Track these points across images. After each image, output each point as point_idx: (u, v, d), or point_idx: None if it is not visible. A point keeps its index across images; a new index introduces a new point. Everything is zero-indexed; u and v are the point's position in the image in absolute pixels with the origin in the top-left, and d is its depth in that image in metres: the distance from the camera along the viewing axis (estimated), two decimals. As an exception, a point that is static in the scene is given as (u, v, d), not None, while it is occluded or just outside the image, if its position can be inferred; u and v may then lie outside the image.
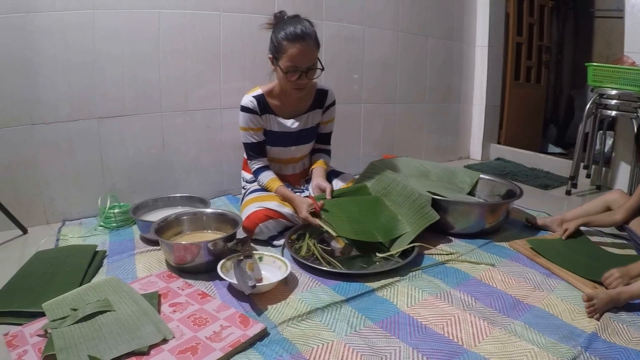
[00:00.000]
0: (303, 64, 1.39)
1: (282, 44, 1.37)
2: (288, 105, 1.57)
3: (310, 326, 1.02)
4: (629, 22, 2.21)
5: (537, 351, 0.93)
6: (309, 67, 1.41)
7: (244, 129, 1.54)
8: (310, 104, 1.60)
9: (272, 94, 1.55)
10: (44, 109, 1.58)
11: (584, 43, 3.85)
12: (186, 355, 0.87)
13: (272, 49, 1.44)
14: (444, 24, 2.78)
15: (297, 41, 1.36)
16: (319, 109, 1.63)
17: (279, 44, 1.39)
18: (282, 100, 1.55)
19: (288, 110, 1.57)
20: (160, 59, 1.78)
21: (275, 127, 1.57)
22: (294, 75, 1.40)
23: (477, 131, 3.11)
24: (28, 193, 1.62)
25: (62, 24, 1.56)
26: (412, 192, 1.49)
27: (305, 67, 1.40)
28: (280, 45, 1.38)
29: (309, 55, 1.39)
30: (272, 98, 1.55)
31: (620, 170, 2.33)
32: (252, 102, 1.50)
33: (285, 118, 1.57)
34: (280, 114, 1.57)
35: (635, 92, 2.00)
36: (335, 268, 1.27)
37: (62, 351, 0.85)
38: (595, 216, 1.51)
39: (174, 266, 1.28)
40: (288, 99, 1.54)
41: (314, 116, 1.63)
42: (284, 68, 1.39)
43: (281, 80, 1.46)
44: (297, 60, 1.38)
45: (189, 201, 1.74)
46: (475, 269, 1.34)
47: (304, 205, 1.41)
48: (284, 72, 1.40)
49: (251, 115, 1.51)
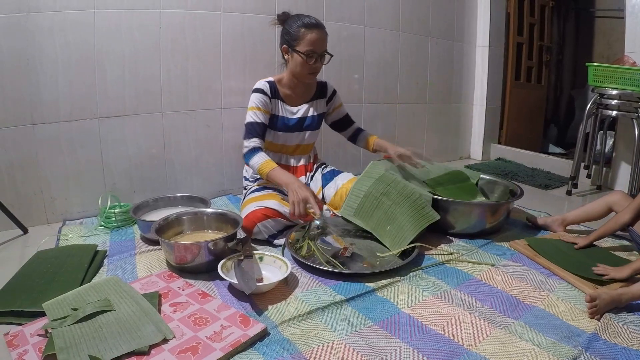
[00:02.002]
0: (320, 49, 1.56)
1: (300, 31, 1.53)
2: (295, 94, 1.70)
3: (311, 326, 1.02)
4: (629, 22, 2.21)
5: (538, 351, 0.93)
6: (323, 52, 1.58)
7: (252, 108, 1.61)
8: (314, 94, 1.75)
9: (282, 83, 1.67)
10: (45, 109, 1.59)
11: (584, 43, 3.85)
12: (187, 355, 0.87)
13: (288, 39, 1.57)
14: (444, 24, 2.78)
15: (315, 28, 1.54)
16: (322, 99, 1.78)
17: (295, 33, 1.54)
18: (290, 89, 1.69)
19: (295, 99, 1.70)
20: (161, 58, 1.78)
21: (282, 113, 1.68)
22: (312, 59, 1.56)
23: (477, 131, 3.11)
24: (29, 193, 1.62)
25: (63, 23, 1.56)
26: (412, 192, 1.49)
27: (321, 52, 1.57)
28: (298, 33, 1.54)
29: (324, 41, 1.57)
30: (282, 87, 1.67)
31: (621, 170, 2.33)
32: (266, 86, 1.63)
33: (292, 106, 1.70)
34: (287, 101, 1.69)
35: (635, 92, 2.00)
36: (335, 268, 1.27)
37: (62, 351, 0.85)
38: (603, 228, 1.45)
39: (175, 266, 1.28)
40: (295, 88, 1.69)
41: (317, 105, 1.76)
42: (304, 52, 1.54)
43: (297, 66, 1.58)
44: (316, 45, 1.54)
45: (189, 201, 1.75)
46: (475, 269, 1.34)
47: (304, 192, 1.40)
48: (305, 56, 1.54)
49: (263, 96, 1.61)
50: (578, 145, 2.23)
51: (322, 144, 2.28)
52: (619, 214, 1.45)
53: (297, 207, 1.38)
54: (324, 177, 1.75)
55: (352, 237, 1.53)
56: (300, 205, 1.38)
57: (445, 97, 2.92)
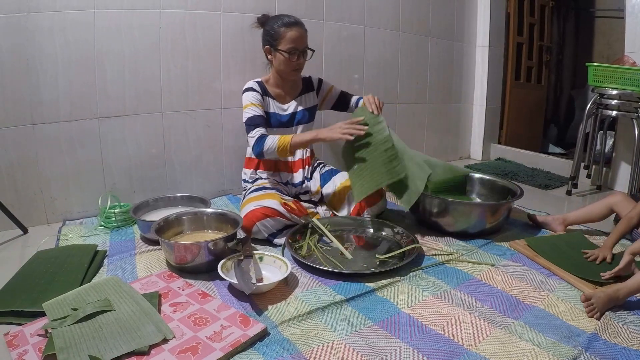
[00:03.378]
0: (301, 45, 1.59)
1: (280, 30, 1.56)
2: (283, 92, 1.73)
3: (311, 326, 1.02)
4: (629, 22, 2.21)
5: (538, 351, 0.93)
6: (304, 48, 1.61)
7: (249, 105, 1.62)
8: (301, 89, 1.78)
9: (269, 83, 1.71)
10: (45, 109, 1.59)
11: (584, 43, 3.85)
12: (186, 355, 0.87)
13: (269, 39, 1.60)
14: (444, 24, 2.78)
15: (294, 26, 1.57)
16: (311, 92, 1.80)
17: (275, 32, 1.57)
18: (278, 88, 1.72)
19: (283, 97, 1.74)
20: (161, 58, 1.78)
21: (274, 110, 1.70)
22: (294, 56, 1.58)
23: (477, 131, 3.11)
24: (29, 193, 1.62)
25: (63, 23, 1.56)
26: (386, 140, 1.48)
27: (302, 48, 1.60)
28: (278, 33, 1.57)
29: (304, 38, 1.60)
30: (270, 86, 1.71)
31: (621, 171, 2.33)
32: (256, 85, 1.67)
33: (282, 103, 1.73)
34: (277, 99, 1.72)
35: (635, 92, 2.00)
36: (335, 268, 1.27)
37: (62, 351, 0.85)
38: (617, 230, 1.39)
39: (175, 266, 1.28)
40: (283, 87, 1.72)
41: (306, 99, 1.78)
42: (286, 50, 1.57)
43: (281, 65, 1.61)
44: (297, 42, 1.57)
45: (189, 201, 1.75)
46: (475, 269, 1.34)
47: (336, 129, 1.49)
48: (287, 54, 1.57)
49: (255, 93, 1.65)
50: (578, 145, 2.22)
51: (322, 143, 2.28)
52: (627, 216, 1.40)
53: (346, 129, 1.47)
54: (322, 176, 1.75)
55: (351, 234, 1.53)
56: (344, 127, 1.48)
57: (445, 97, 2.92)
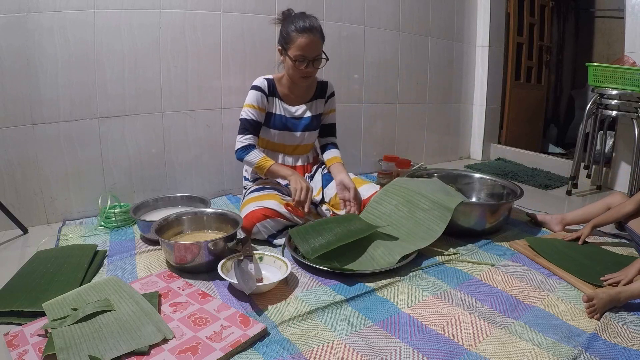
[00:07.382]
0: (310, 54, 1.52)
1: (292, 35, 1.51)
2: (294, 95, 1.69)
3: (311, 326, 1.02)
4: (629, 22, 2.21)
5: (538, 351, 0.93)
6: (315, 57, 1.54)
7: (248, 105, 1.61)
8: (314, 94, 1.73)
9: (281, 82, 1.67)
10: (45, 109, 1.58)
11: (584, 43, 3.85)
12: (186, 355, 0.87)
13: (282, 41, 1.56)
14: (444, 24, 2.78)
15: (306, 33, 1.49)
16: (322, 99, 1.75)
17: (288, 36, 1.52)
18: (289, 89, 1.67)
19: (293, 99, 1.69)
20: (161, 58, 1.78)
21: (279, 111, 1.67)
22: (302, 64, 1.53)
23: (477, 131, 3.11)
24: (28, 193, 1.62)
25: (63, 23, 1.56)
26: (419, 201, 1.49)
27: (312, 57, 1.53)
28: (290, 37, 1.51)
29: (315, 46, 1.52)
30: (281, 86, 1.67)
31: (621, 171, 2.33)
32: (264, 83, 1.63)
33: (290, 105, 1.69)
34: (286, 100, 1.68)
35: (635, 92, 2.00)
36: (335, 268, 1.27)
37: (62, 351, 0.85)
38: (604, 215, 1.48)
39: (175, 266, 1.28)
40: (294, 88, 1.67)
41: (316, 105, 1.74)
42: (293, 57, 1.52)
43: (290, 69, 1.57)
44: (305, 50, 1.51)
45: (189, 201, 1.74)
46: (475, 269, 1.34)
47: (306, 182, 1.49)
48: (293, 61, 1.53)
49: (259, 94, 1.61)
50: (578, 145, 2.23)
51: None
52: (622, 204, 1.45)
53: (301, 192, 1.45)
54: (324, 177, 1.75)
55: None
56: (303, 192, 1.45)
57: (445, 97, 2.92)
